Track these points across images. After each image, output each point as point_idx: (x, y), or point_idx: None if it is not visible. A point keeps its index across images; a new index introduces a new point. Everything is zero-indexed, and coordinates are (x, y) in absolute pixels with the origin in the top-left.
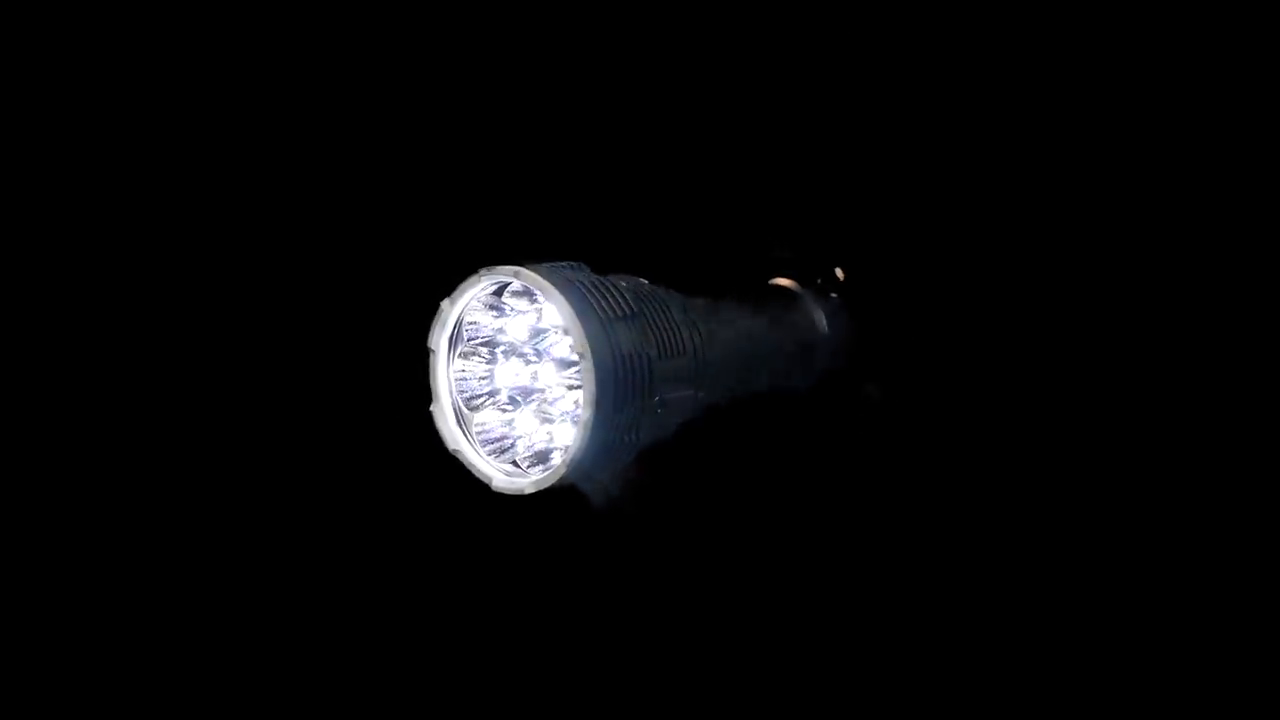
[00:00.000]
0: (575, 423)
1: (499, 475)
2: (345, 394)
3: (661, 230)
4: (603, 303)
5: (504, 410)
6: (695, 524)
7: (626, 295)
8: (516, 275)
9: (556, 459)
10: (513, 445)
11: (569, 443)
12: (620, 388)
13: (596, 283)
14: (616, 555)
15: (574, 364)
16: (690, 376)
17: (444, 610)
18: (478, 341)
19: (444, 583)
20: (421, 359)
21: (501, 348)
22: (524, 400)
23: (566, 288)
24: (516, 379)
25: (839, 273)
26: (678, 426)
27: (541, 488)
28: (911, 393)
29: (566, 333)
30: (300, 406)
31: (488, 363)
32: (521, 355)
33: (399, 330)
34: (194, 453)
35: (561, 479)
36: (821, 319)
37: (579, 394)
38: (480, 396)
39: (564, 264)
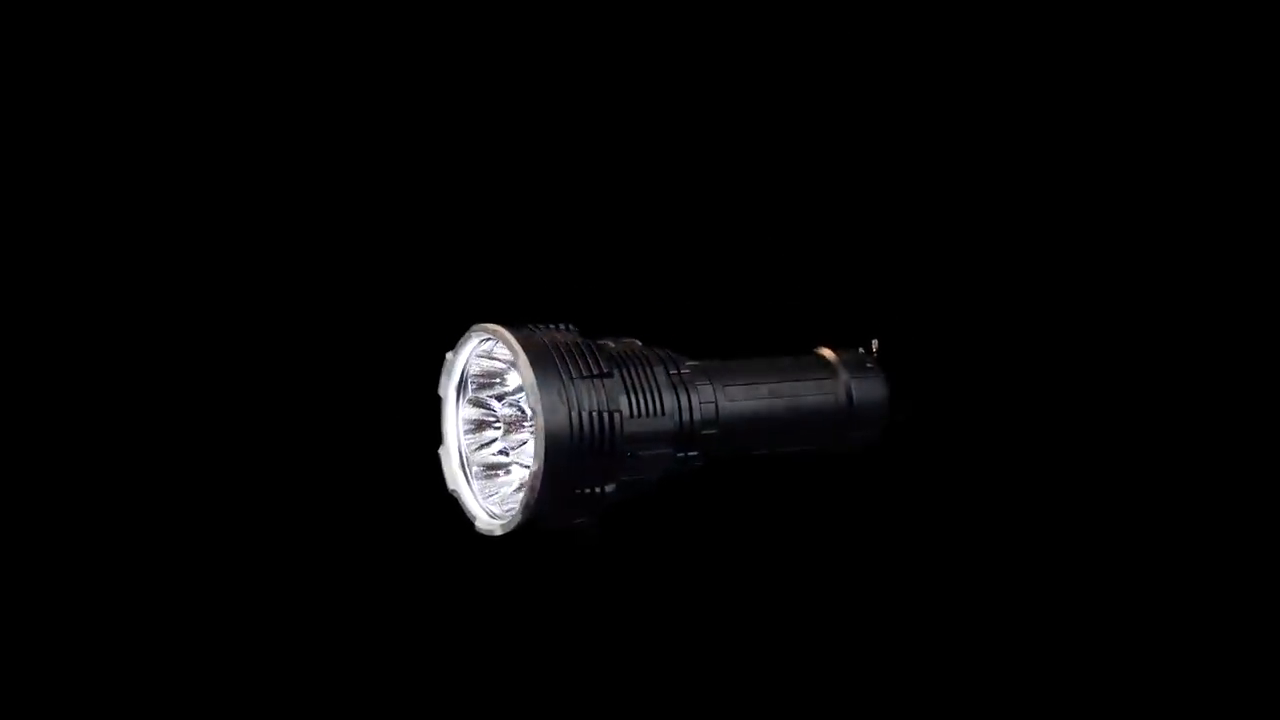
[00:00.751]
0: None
1: (482, 517)
2: (361, 428)
3: (701, 297)
4: (570, 363)
5: (498, 455)
6: (670, 575)
7: (599, 357)
8: (495, 334)
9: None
10: (499, 489)
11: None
12: (575, 443)
13: (572, 344)
14: (592, 592)
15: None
16: (668, 437)
17: (435, 631)
18: (479, 390)
19: (431, 615)
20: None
21: (499, 397)
22: (513, 449)
23: (532, 348)
24: (508, 427)
25: (875, 343)
26: (658, 482)
27: (508, 530)
28: (944, 466)
29: None
30: (315, 443)
31: (488, 410)
32: (513, 405)
33: (412, 374)
34: (226, 494)
35: (520, 525)
36: (848, 387)
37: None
38: (480, 441)
39: (552, 325)
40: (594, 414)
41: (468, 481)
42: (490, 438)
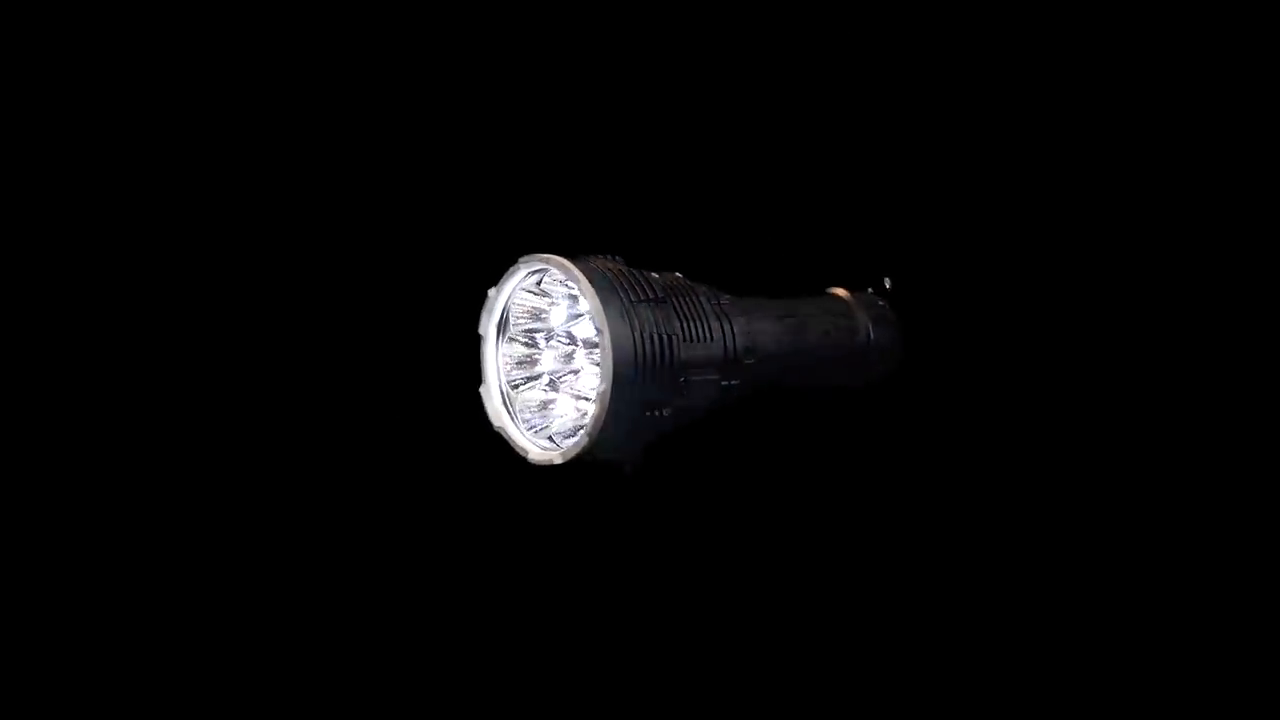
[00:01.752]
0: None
1: (534, 449)
2: (397, 377)
3: (721, 238)
4: (627, 287)
5: (545, 391)
6: (719, 508)
7: (654, 283)
8: (547, 262)
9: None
10: (551, 422)
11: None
12: (639, 364)
13: (625, 271)
14: (639, 526)
15: (597, 344)
16: (717, 363)
17: (484, 577)
18: (522, 327)
19: (484, 552)
20: (470, 343)
21: (543, 333)
22: (561, 381)
23: (592, 272)
24: (556, 361)
25: (887, 282)
26: (705, 411)
27: (568, 458)
28: (956, 396)
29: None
30: (352, 388)
31: (531, 346)
32: (560, 339)
33: (450, 317)
34: (248, 437)
35: (584, 451)
36: (866, 326)
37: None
38: (525, 378)
39: (601, 256)
40: (655, 336)
41: (512, 418)
42: (536, 372)
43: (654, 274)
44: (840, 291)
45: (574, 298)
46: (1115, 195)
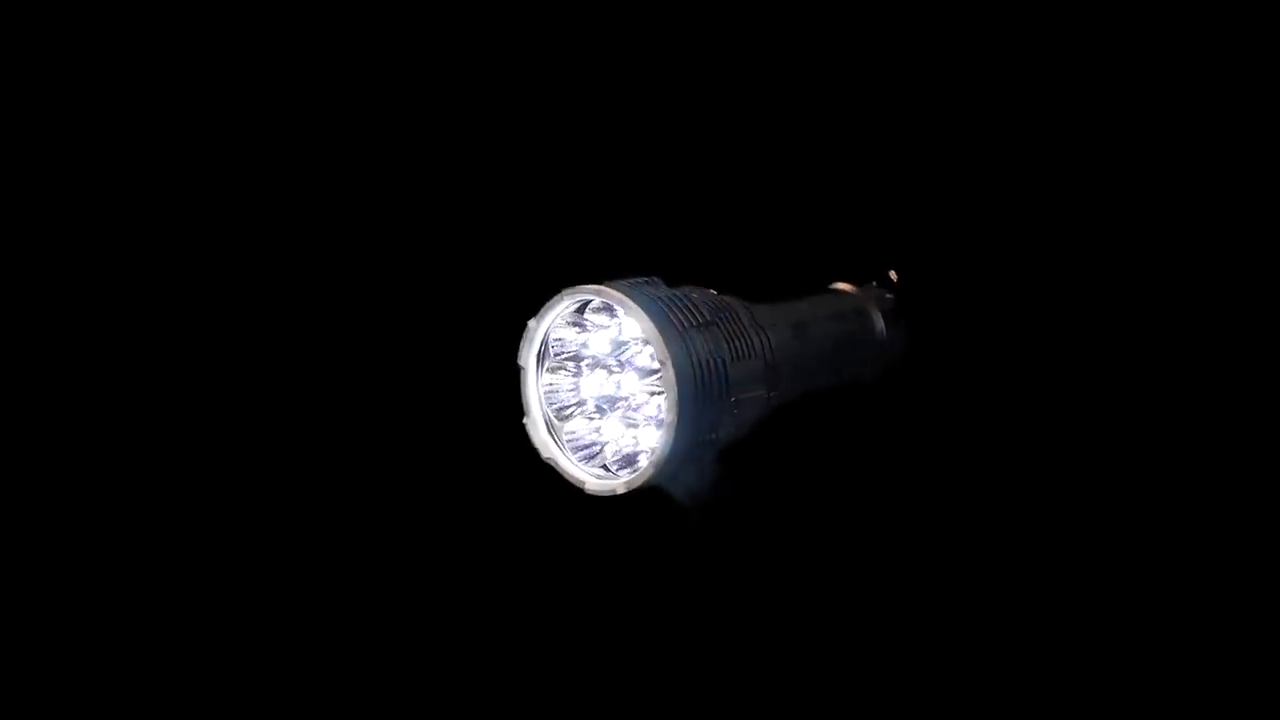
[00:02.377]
0: (660, 426)
1: (591, 479)
2: (436, 412)
3: (715, 241)
4: (679, 314)
5: (591, 419)
6: (775, 518)
7: (700, 305)
8: (599, 293)
9: (643, 461)
10: (600, 451)
11: (654, 445)
12: (699, 391)
13: (671, 295)
14: (705, 551)
15: (655, 372)
16: (761, 378)
17: (547, 611)
18: (564, 356)
19: (543, 584)
20: (508, 376)
21: (586, 360)
22: (609, 408)
23: (646, 302)
24: (601, 389)
25: (893, 275)
26: (752, 425)
27: (633, 487)
28: (962, 387)
29: (647, 343)
30: (397, 424)
31: (573, 375)
32: (604, 366)
33: (479, 350)
34: (301, 478)
35: (650, 479)
36: (880, 320)
37: (661, 399)
38: (568, 407)
39: (640, 279)
40: (709, 361)
41: (559, 448)
42: (580, 399)
43: (694, 294)
44: (847, 286)
45: (616, 323)
46: (1113, 192)
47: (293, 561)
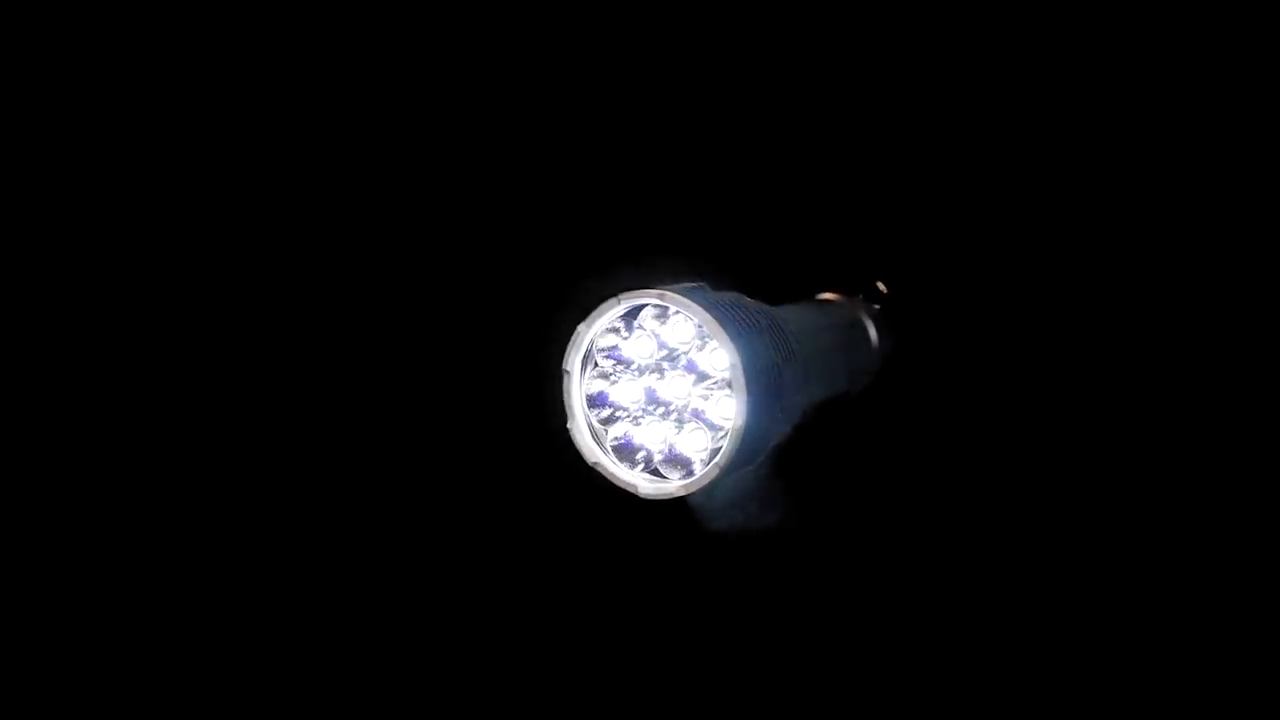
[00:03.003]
0: (712, 429)
1: (643, 483)
2: (475, 418)
3: (698, 249)
4: (742, 320)
5: (635, 423)
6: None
7: (754, 312)
8: (661, 298)
9: (696, 463)
10: (646, 454)
11: (708, 446)
12: (766, 396)
13: (728, 301)
14: (753, 551)
15: (708, 376)
16: (800, 385)
17: (600, 613)
18: (608, 361)
19: (592, 587)
20: (545, 381)
21: (632, 365)
22: (653, 412)
23: (712, 308)
24: (644, 393)
25: (881, 286)
26: (791, 430)
27: (690, 491)
28: (946, 393)
29: (702, 348)
30: (438, 429)
31: (616, 380)
32: (648, 370)
33: (511, 356)
34: (349, 485)
35: (712, 482)
36: (874, 330)
37: (711, 403)
38: (612, 411)
39: (690, 285)
40: (768, 369)
41: (605, 452)
42: (625, 404)
43: (745, 299)
44: (835, 296)
45: (666, 328)
46: (1099, 200)
47: (333, 570)
